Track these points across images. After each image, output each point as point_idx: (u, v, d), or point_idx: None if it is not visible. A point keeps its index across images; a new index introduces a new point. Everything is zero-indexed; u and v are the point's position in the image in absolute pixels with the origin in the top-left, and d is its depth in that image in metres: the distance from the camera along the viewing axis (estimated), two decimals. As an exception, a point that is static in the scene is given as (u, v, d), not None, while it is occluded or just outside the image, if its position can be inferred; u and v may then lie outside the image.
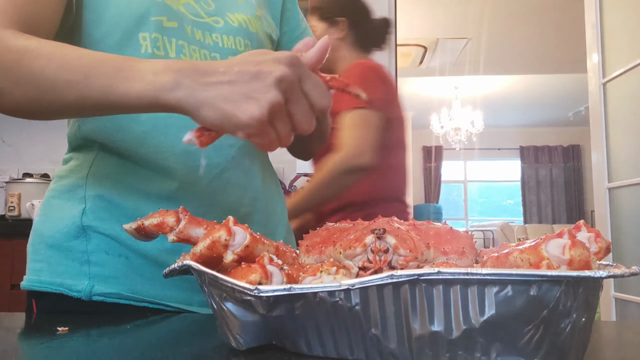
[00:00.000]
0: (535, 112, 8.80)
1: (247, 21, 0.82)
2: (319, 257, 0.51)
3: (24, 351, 0.52)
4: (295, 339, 0.44)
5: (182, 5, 0.76)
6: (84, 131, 0.74)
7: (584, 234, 0.45)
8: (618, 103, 2.47)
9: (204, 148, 0.53)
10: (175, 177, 0.73)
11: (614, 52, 2.49)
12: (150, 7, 0.72)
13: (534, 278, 0.37)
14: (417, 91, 7.49)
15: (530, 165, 9.98)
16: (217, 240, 0.45)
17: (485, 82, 7.19)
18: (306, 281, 0.43)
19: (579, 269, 0.38)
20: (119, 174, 0.73)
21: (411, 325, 0.39)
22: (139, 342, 0.52)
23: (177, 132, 0.73)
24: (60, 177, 0.77)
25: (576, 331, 0.39)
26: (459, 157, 9.65)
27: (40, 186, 2.50)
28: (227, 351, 0.46)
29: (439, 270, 0.38)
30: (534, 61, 6.24)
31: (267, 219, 0.84)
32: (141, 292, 0.71)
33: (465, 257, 0.49)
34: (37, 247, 0.74)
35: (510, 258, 0.43)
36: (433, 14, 4.97)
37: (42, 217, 0.76)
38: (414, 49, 5.84)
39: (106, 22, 0.71)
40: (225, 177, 0.76)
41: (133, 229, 0.56)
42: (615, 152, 2.48)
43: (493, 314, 0.38)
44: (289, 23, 0.94)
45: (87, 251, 0.71)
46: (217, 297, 0.45)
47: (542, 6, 4.75)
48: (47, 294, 0.71)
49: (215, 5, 0.80)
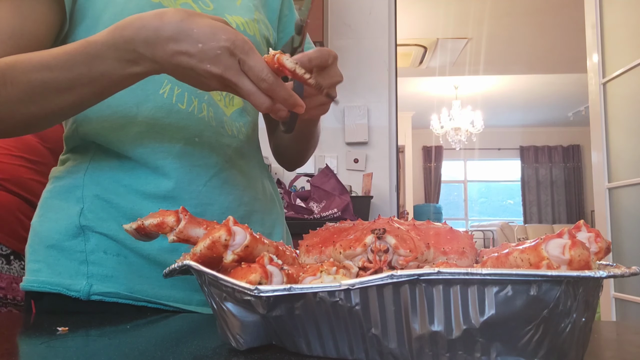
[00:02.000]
0: (535, 112, 8.80)
1: (245, 24, 0.82)
2: (319, 257, 0.51)
3: (24, 351, 0.52)
4: (295, 339, 0.44)
5: (179, 6, 0.76)
6: (81, 132, 0.74)
7: (584, 234, 0.45)
8: (618, 103, 2.47)
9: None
10: (172, 177, 0.73)
11: (614, 52, 2.49)
12: (146, 8, 0.72)
13: (534, 278, 0.37)
14: (417, 91, 7.49)
15: (530, 165, 9.99)
16: (217, 240, 0.45)
17: (485, 82, 7.19)
18: (306, 281, 0.43)
19: (579, 269, 0.38)
20: (116, 173, 0.73)
21: (411, 325, 0.39)
22: (139, 342, 0.52)
23: (173, 133, 0.73)
24: (57, 177, 0.77)
25: (576, 331, 0.39)
26: (459, 157, 9.66)
27: (40, 186, 2.50)
28: (227, 351, 0.46)
29: (439, 270, 0.38)
30: (534, 61, 6.24)
31: (265, 219, 0.84)
32: (140, 292, 0.71)
33: (465, 257, 0.49)
34: (35, 247, 0.74)
35: (510, 258, 0.43)
36: (433, 14, 4.97)
37: (40, 217, 0.76)
38: (414, 49, 5.84)
39: (104, 25, 0.71)
40: (222, 177, 0.77)
41: (133, 229, 0.56)
42: (615, 152, 2.48)
43: (493, 314, 0.38)
44: (285, 29, 0.95)
45: (85, 251, 0.71)
46: (217, 297, 0.45)
47: (542, 6, 4.75)
48: (46, 294, 0.71)
49: (213, 6, 0.80)
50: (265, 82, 0.56)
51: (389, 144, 2.83)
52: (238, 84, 0.56)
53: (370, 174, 2.67)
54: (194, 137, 0.74)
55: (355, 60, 2.84)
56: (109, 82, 0.61)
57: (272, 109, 0.58)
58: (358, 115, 2.82)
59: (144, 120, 0.72)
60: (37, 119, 0.63)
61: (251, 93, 0.56)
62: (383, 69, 2.85)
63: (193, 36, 0.55)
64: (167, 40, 0.56)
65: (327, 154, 2.84)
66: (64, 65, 0.59)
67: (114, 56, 0.58)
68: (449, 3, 4.73)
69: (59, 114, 0.64)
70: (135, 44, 0.57)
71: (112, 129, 0.72)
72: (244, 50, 0.55)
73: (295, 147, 0.94)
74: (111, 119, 0.72)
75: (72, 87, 0.60)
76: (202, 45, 0.55)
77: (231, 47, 0.55)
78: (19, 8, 0.66)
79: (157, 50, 0.57)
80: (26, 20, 0.66)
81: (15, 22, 0.65)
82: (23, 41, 0.66)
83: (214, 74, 0.56)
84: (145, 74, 0.60)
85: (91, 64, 0.59)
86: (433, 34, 5.46)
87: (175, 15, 0.57)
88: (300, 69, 0.56)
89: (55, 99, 0.61)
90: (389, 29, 2.87)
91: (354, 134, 2.82)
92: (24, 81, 0.60)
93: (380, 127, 2.83)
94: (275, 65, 0.56)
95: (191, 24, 0.56)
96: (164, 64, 0.58)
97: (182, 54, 0.56)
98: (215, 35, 0.55)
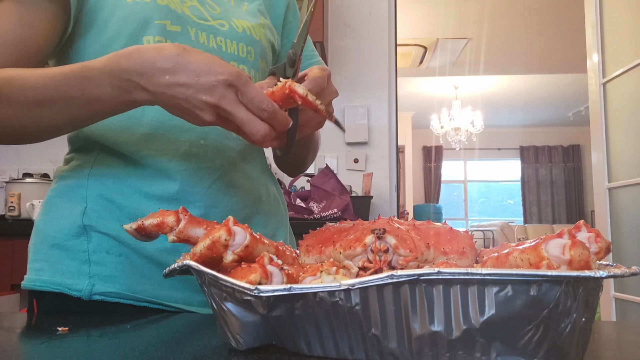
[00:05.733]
0: (535, 112, 8.80)
1: (251, 28, 0.82)
2: (319, 257, 0.51)
3: (24, 351, 0.52)
4: (295, 339, 0.44)
5: (187, 8, 0.76)
6: (86, 132, 0.74)
7: (584, 234, 0.45)
8: (618, 103, 2.47)
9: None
10: (177, 180, 0.73)
11: (614, 52, 2.49)
12: (153, 11, 0.72)
13: (534, 278, 0.37)
14: (417, 91, 7.49)
15: (530, 165, 9.98)
16: (217, 241, 0.45)
17: (485, 82, 7.18)
18: (306, 281, 0.43)
19: (579, 269, 0.38)
20: (121, 174, 0.73)
21: (411, 325, 0.39)
22: (139, 342, 0.52)
23: (178, 135, 0.73)
24: (61, 176, 0.77)
25: (576, 331, 0.39)
26: (459, 157, 9.65)
27: (40, 186, 2.50)
28: (227, 351, 0.46)
29: (439, 270, 0.38)
30: (534, 61, 6.24)
31: (268, 221, 0.84)
32: (141, 292, 0.72)
33: (465, 257, 0.49)
34: (38, 246, 0.74)
35: (510, 258, 0.43)
36: (433, 14, 4.97)
37: (43, 216, 0.76)
38: (414, 49, 5.84)
39: (112, 27, 0.72)
40: (226, 180, 0.77)
41: (133, 229, 0.56)
42: (615, 152, 2.48)
43: (493, 314, 0.38)
44: (289, 35, 0.95)
45: (87, 251, 0.71)
46: (217, 297, 0.45)
47: (542, 6, 4.75)
48: (47, 293, 0.71)
49: (220, 10, 0.81)
50: (266, 112, 0.56)
51: (389, 144, 2.83)
52: (233, 112, 0.56)
53: (370, 174, 2.67)
54: (199, 140, 0.75)
55: (355, 60, 2.84)
56: (102, 107, 0.61)
57: (266, 139, 0.57)
58: (358, 115, 2.82)
59: (149, 122, 0.73)
60: (30, 134, 0.64)
61: (246, 121, 0.56)
62: (383, 69, 2.84)
63: (190, 68, 0.56)
64: (163, 72, 0.56)
65: (327, 154, 2.84)
66: (59, 86, 0.60)
67: (108, 82, 0.59)
68: (449, 3, 4.73)
69: (51, 131, 0.65)
70: (131, 74, 0.57)
71: (117, 130, 0.73)
72: (241, 82, 0.56)
73: (296, 155, 0.94)
74: (116, 120, 0.72)
75: (66, 108, 0.61)
76: (199, 77, 0.55)
77: (229, 79, 0.55)
78: (22, 14, 0.66)
79: (152, 81, 0.57)
80: (30, 26, 0.66)
81: (19, 29, 0.66)
82: (25, 48, 0.66)
83: (210, 103, 0.56)
84: (138, 103, 0.60)
85: (86, 87, 0.59)
86: (433, 34, 5.46)
87: (172, 49, 0.57)
88: (311, 96, 0.57)
89: (48, 118, 0.62)
90: (389, 29, 2.86)
91: (354, 134, 2.82)
92: (20, 98, 0.60)
93: (380, 127, 2.83)
94: (285, 91, 0.57)
95: (188, 58, 0.57)
96: (158, 95, 0.57)
97: (178, 85, 0.56)
98: (212, 68, 0.56)
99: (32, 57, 0.67)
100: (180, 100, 0.57)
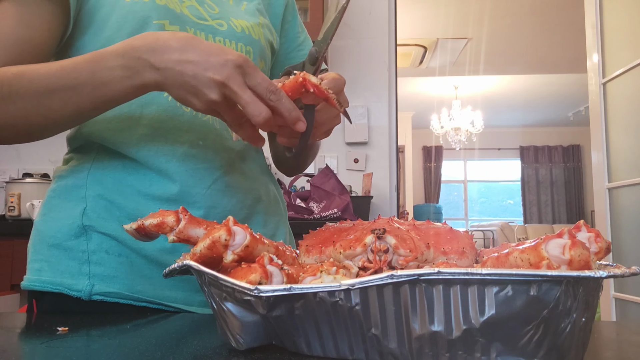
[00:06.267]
0: (535, 112, 8.80)
1: (250, 28, 0.82)
2: (319, 257, 0.51)
3: (24, 351, 0.52)
4: (295, 339, 0.44)
5: (185, 8, 0.76)
6: (85, 132, 0.74)
7: (584, 234, 0.45)
8: (618, 103, 2.47)
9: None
10: (176, 180, 0.73)
11: (614, 52, 2.49)
12: (152, 10, 0.73)
13: (534, 278, 0.37)
14: (417, 91, 7.49)
15: (530, 165, 9.98)
16: (217, 240, 0.45)
17: (485, 82, 7.18)
18: (306, 281, 0.43)
19: (579, 269, 0.38)
20: (120, 174, 0.73)
21: (411, 325, 0.39)
22: (139, 342, 0.52)
23: (178, 135, 0.73)
24: (61, 177, 0.77)
25: (576, 331, 0.39)
26: (459, 157, 9.66)
27: (40, 186, 2.50)
28: (227, 351, 0.46)
29: (439, 270, 0.38)
30: (534, 61, 6.24)
31: (268, 221, 0.84)
32: (141, 292, 0.72)
33: (465, 257, 0.49)
34: (37, 246, 0.74)
35: (510, 258, 0.43)
36: (433, 14, 4.97)
37: (43, 216, 0.76)
38: (414, 49, 5.84)
39: (110, 27, 0.72)
40: (225, 180, 0.77)
41: (133, 229, 0.56)
42: (615, 152, 2.48)
43: (493, 314, 0.38)
44: (287, 34, 0.95)
45: (87, 251, 0.71)
46: (217, 297, 0.45)
47: (542, 6, 4.75)
48: (47, 293, 0.71)
49: (219, 10, 0.81)
50: (273, 95, 0.57)
51: (389, 144, 2.83)
52: (239, 92, 0.57)
53: (370, 174, 2.67)
54: (198, 140, 0.75)
55: (355, 60, 2.84)
56: (110, 93, 0.61)
57: (268, 122, 0.58)
58: (358, 115, 2.82)
59: (148, 123, 0.73)
60: (38, 128, 0.65)
61: (250, 102, 0.57)
62: (383, 69, 2.84)
63: (201, 48, 0.58)
64: (173, 50, 0.58)
65: (327, 154, 2.84)
66: (70, 72, 0.61)
67: (118, 64, 0.59)
68: (449, 3, 4.73)
69: (59, 123, 0.65)
70: (141, 52, 0.58)
71: (116, 131, 0.73)
72: (250, 66, 0.57)
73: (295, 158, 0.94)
74: (115, 121, 0.72)
75: (75, 96, 0.61)
76: (209, 56, 0.57)
77: (239, 60, 0.57)
78: (22, 15, 0.66)
79: (162, 57, 0.58)
80: (30, 27, 0.67)
81: (19, 29, 0.66)
82: (26, 48, 0.66)
83: (217, 81, 0.56)
84: (145, 87, 0.61)
85: (95, 71, 0.60)
86: (433, 34, 5.46)
87: (185, 34, 0.60)
88: (325, 84, 0.58)
89: (56, 108, 0.62)
90: (389, 29, 2.86)
91: (354, 134, 2.82)
92: (29, 91, 0.61)
93: (380, 127, 2.83)
94: (298, 80, 0.58)
95: (200, 41, 0.59)
96: (167, 72, 0.58)
97: (188, 62, 0.57)
98: (223, 50, 0.58)
99: (33, 56, 0.67)
100: (188, 77, 0.57)
